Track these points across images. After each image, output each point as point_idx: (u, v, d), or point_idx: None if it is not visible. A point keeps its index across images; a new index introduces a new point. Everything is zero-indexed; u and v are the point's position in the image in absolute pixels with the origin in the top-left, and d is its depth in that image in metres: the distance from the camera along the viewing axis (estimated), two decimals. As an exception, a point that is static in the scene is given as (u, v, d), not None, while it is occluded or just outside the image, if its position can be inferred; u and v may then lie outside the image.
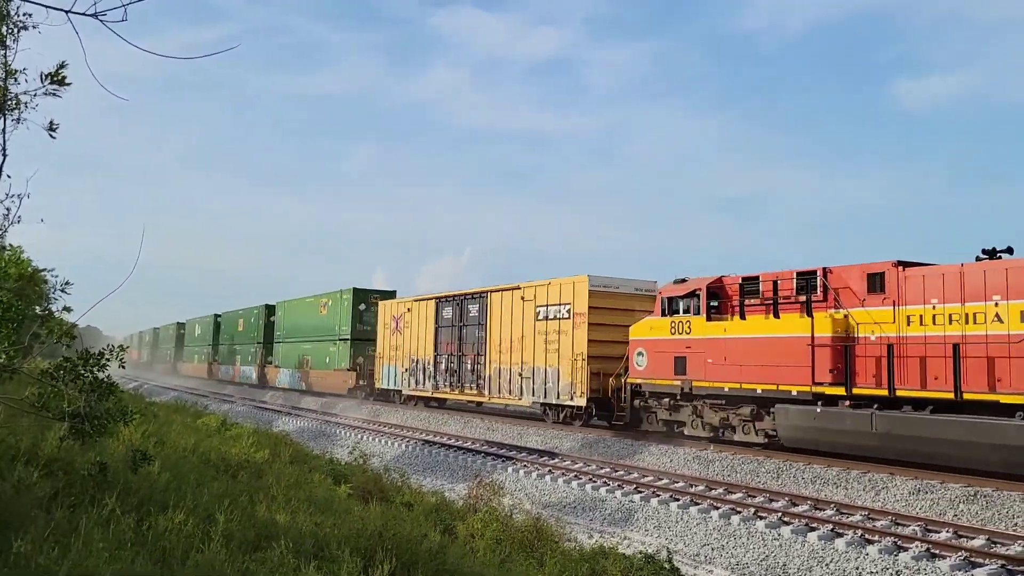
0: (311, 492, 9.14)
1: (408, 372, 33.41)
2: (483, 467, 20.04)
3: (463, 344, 29.77)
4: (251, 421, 26.65)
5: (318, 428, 30.95)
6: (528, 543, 10.12)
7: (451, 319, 30.68)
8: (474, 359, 29.02)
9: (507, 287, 27.53)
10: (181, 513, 5.78)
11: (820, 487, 15.66)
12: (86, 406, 5.59)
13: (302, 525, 6.57)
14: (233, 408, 39.15)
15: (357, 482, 12.15)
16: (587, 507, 15.79)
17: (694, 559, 12.50)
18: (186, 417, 18.46)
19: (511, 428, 26.04)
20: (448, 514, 11.17)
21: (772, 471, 17.00)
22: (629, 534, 13.99)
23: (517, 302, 26.70)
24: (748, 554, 12.23)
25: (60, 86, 4.73)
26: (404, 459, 22.29)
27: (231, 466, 9.93)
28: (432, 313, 32.04)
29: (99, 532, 5.05)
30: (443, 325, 31.22)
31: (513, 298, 26.99)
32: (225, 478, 8.80)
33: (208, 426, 16.59)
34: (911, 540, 11.56)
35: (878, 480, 15.30)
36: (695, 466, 18.37)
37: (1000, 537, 11.66)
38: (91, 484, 5.92)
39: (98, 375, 5.77)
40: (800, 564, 11.57)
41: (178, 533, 5.48)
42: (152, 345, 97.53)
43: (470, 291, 29.90)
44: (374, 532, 6.66)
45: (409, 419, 31.30)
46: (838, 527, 12.50)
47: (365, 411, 34.68)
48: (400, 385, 34.21)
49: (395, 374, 34.61)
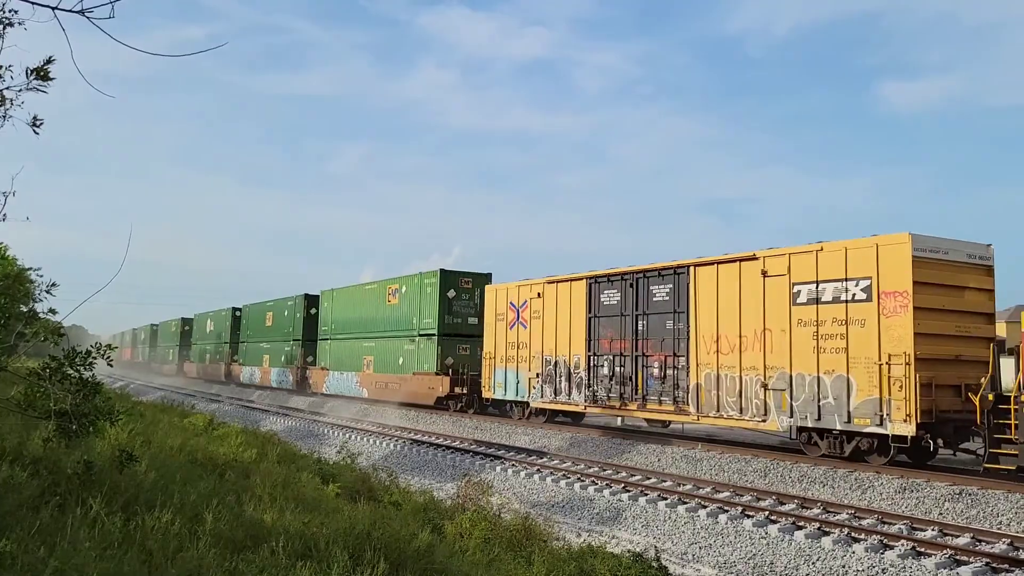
0: (299, 491, 9.11)
1: (539, 379, 24.98)
2: (472, 466, 20.05)
3: (642, 341, 21.46)
4: (239, 420, 26.57)
5: (306, 428, 30.88)
6: (517, 542, 10.13)
7: (617, 306, 22.37)
8: (665, 362, 20.59)
9: (728, 258, 19.44)
10: (168, 513, 5.76)
11: (807, 486, 15.74)
12: (72, 405, 5.55)
13: (290, 525, 6.55)
14: (221, 408, 39.00)
15: (345, 481, 12.12)
16: (576, 506, 15.81)
17: (682, 558, 12.54)
18: (173, 416, 18.37)
19: (500, 427, 26.05)
20: (437, 513, 11.16)
21: (759, 470, 17.08)
22: (617, 533, 14.03)
23: (751, 278, 18.59)
24: (735, 552, 12.28)
25: (44, 81, 4.70)
26: (392, 458, 22.27)
27: (218, 465, 9.89)
28: (581, 298, 23.61)
29: (86, 532, 5.03)
30: (602, 315, 22.87)
31: (743, 273, 18.89)
32: (212, 478, 8.76)
33: (195, 425, 16.51)
34: (897, 538, 11.64)
35: (864, 479, 15.40)
36: (683, 465, 18.43)
37: (985, 535, 11.76)
38: (77, 484, 5.89)
39: (84, 374, 5.74)
40: (787, 562, 11.62)
41: (165, 533, 5.46)
42: (149, 343, 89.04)
43: (654, 266, 21.42)
44: (362, 532, 6.65)
45: (397, 418, 31.27)
46: (825, 525, 12.57)
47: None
48: (524, 395, 25.79)
49: (515, 381, 26.15)
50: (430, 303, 31.40)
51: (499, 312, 27.32)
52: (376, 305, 36.25)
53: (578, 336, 23.63)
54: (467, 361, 30.10)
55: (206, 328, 63.86)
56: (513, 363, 26.43)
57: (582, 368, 23.38)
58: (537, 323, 25.36)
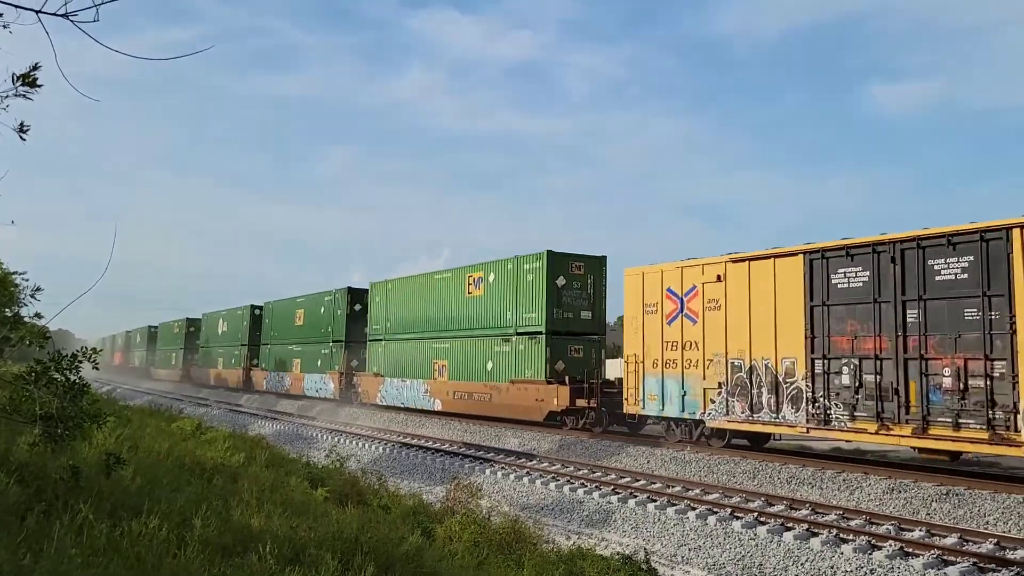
0: (287, 496, 9.07)
1: (722, 390, 18.76)
2: (461, 469, 20.02)
3: (917, 337, 15.16)
4: (227, 425, 26.43)
5: (295, 431, 30.77)
6: (506, 545, 10.13)
7: (864, 289, 16.22)
8: (964, 367, 14.38)
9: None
10: (155, 518, 5.72)
11: (795, 487, 15.79)
12: (59, 408, 5.52)
13: (278, 529, 6.52)
14: (209, 412, 38.81)
15: (334, 485, 12.08)
16: (565, 508, 15.81)
17: (671, 559, 12.55)
18: (160, 421, 18.27)
19: (488, 430, 26.04)
20: (426, 516, 11.14)
21: (748, 471, 17.12)
22: (607, 535, 14.03)
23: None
24: (725, 554, 12.31)
25: (31, 88, 4.67)
26: (382, 461, 22.21)
27: (206, 470, 9.84)
28: (794, 280, 17.48)
29: (72, 539, 4.99)
30: (835, 301, 16.66)
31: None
32: (200, 482, 8.71)
33: (183, 430, 16.44)
34: (885, 539, 11.69)
35: (852, 480, 15.46)
36: (673, 467, 18.46)
37: (972, 535, 11.83)
38: (64, 489, 5.85)
39: (70, 377, 5.71)
40: (776, 563, 11.66)
41: (152, 539, 5.42)
42: (147, 347, 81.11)
43: (938, 230, 15.14)
44: (351, 535, 6.63)
45: (386, 421, 31.20)
46: (813, 526, 12.61)
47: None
48: (696, 410, 19.46)
49: (679, 392, 19.93)
50: (533, 294, 25.26)
51: (649, 302, 21.01)
52: (450, 298, 29.77)
53: (791, 331, 17.40)
54: (581, 365, 24.39)
55: (217, 329, 57.08)
56: (675, 368, 20.10)
57: (799, 375, 17.12)
58: (715, 315, 19.22)
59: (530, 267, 25.63)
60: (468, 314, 28.60)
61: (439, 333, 30.36)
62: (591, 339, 25.46)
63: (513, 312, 26.11)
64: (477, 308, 28.16)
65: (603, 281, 25.72)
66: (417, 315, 31.99)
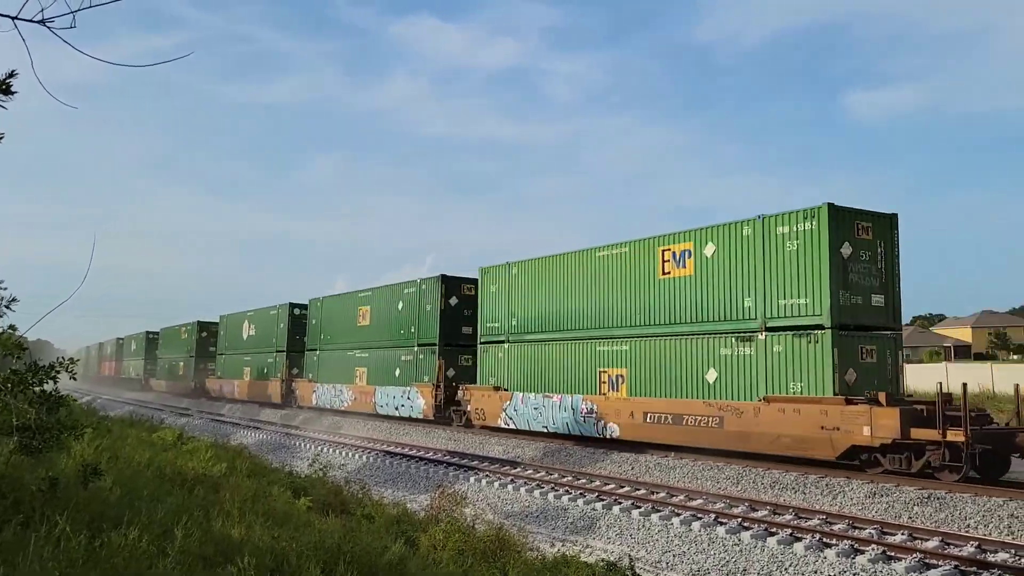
0: (269, 506, 9.01)
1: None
2: (445, 477, 19.95)
3: None
4: (208, 434, 26.24)
5: (277, 440, 30.54)
6: (491, 553, 10.10)
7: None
8: None
9: None
10: (135, 529, 5.66)
11: (779, 492, 15.85)
12: (36, 419, 5.46)
13: (260, 539, 6.46)
14: (191, 421, 38.51)
15: (317, 495, 12.02)
16: (549, 516, 15.79)
17: (655, 566, 12.55)
18: (141, 431, 18.11)
19: (473, 438, 25.96)
20: (410, 525, 11.09)
21: (732, 477, 17.17)
22: (591, 542, 14.01)
23: None
24: (709, 560, 12.32)
25: (5, 95, 4.63)
26: (365, 471, 22.10)
27: (187, 480, 9.76)
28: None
29: (50, 550, 4.93)
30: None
31: None
32: (181, 493, 8.64)
33: (164, 440, 16.30)
34: (868, 543, 11.74)
35: (835, 484, 15.54)
36: (657, 473, 18.49)
37: (953, 538, 11.90)
38: (41, 501, 5.78)
39: (47, 387, 5.65)
40: (760, 568, 11.68)
41: (132, 550, 5.36)
42: (144, 355, 71.08)
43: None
44: (333, 544, 6.59)
45: (369, 429, 31.03)
46: (797, 531, 12.65)
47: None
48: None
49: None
50: (801, 269, 17.52)
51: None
52: (630, 282, 21.97)
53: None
54: (873, 375, 17.36)
55: (242, 333, 48.50)
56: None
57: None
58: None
59: (792, 229, 17.79)
60: (665, 303, 20.79)
61: (607, 331, 22.51)
62: (885, 336, 17.92)
63: (758, 297, 18.31)
64: (683, 293, 20.32)
65: (895, 251, 18.14)
66: (566, 307, 24.19)
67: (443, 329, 29.72)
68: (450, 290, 30.02)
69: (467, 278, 30.42)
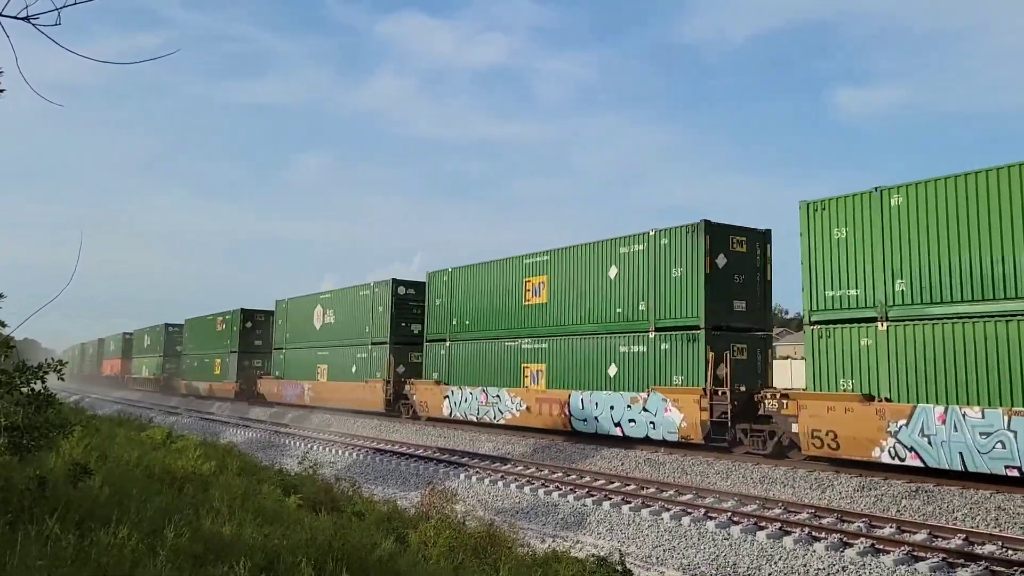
0: (259, 504, 8.99)
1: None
2: (436, 474, 19.96)
3: None
4: (197, 433, 26.14)
5: (267, 439, 30.47)
6: (481, 549, 10.09)
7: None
8: None
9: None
10: (124, 528, 5.64)
11: (768, 487, 15.93)
12: (24, 419, 5.44)
13: (250, 537, 6.45)
14: (179, 420, 38.36)
15: (307, 492, 11.99)
16: (540, 512, 15.82)
17: (646, 560, 12.60)
18: (130, 430, 18.04)
19: (463, 434, 25.97)
20: (400, 522, 11.07)
21: (721, 472, 17.25)
22: (582, 538, 14.05)
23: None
24: (699, 554, 12.37)
25: (-7, 92, 4.61)
26: (356, 468, 22.07)
27: (176, 479, 9.72)
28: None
29: (38, 550, 4.90)
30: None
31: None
32: (170, 491, 8.60)
33: (153, 439, 16.23)
34: (856, 536, 11.83)
35: (824, 479, 15.63)
36: (647, 469, 18.54)
37: (941, 531, 12.00)
38: (30, 500, 5.75)
39: (35, 387, 5.63)
40: (750, 563, 11.74)
41: (121, 549, 5.34)
42: (162, 353, 61.33)
43: None
44: (324, 542, 6.58)
45: (359, 427, 31.01)
46: (786, 525, 12.72)
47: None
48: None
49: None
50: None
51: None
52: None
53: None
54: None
55: (313, 321, 38.70)
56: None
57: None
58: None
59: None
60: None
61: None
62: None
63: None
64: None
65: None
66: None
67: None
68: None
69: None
